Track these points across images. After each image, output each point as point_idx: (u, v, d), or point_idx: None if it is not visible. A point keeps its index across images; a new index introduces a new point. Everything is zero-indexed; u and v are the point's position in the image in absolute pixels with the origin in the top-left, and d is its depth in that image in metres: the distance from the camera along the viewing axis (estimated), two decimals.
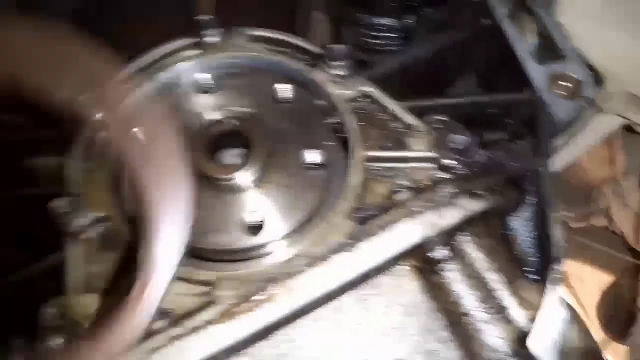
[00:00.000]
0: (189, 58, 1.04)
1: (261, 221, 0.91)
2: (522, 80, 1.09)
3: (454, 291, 0.92)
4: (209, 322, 0.82)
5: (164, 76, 1.03)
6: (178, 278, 0.85)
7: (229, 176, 0.92)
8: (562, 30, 1.12)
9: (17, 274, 0.95)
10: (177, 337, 0.82)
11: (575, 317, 0.94)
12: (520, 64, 1.08)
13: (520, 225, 1.03)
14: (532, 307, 0.91)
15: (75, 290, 0.86)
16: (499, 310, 0.91)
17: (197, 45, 1.05)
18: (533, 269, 1.00)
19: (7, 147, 0.78)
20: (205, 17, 1.03)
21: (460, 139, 0.93)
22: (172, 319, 0.84)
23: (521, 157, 1.00)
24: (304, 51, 1.06)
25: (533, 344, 0.85)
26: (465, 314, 0.91)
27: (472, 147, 0.94)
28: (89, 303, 0.85)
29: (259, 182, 0.94)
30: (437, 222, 0.89)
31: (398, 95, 1.03)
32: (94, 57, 0.72)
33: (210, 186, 0.93)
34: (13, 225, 1.13)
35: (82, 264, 0.89)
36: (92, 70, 0.72)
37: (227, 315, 0.83)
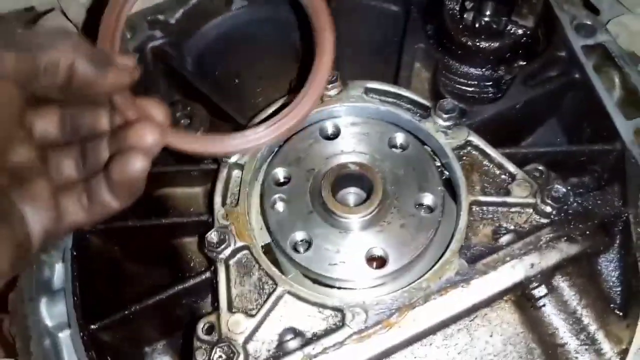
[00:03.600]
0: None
1: (382, 256, 1.05)
2: (608, 131, 1.19)
3: (549, 324, 1.04)
4: (339, 344, 0.96)
5: None
6: (311, 302, 1.00)
7: (353, 215, 1.06)
8: None
9: (162, 294, 1.10)
10: (310, 356, 0.95)
11: None
12: (608, 117, 1.19)
13: (606, 265, 1.14)
14: (619, 341, 1.03)
15: (224, 309, 1.01)
16: (590, 343, 1.03)
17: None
18: (619, 305, 1.11)
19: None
20: None
21: (558, 189, 1.04)
22: (305, 339, 0.98)
23: (611, 204, 1.11)
24: (413, 102, 1.19)
25: None
26: (560, 345, 1.03)
27: (568, 196, 1.05)
28: (237, 321, 0.99)
29: (378, 220, 1.07)
30: (537, 263, 1.01)
31: (489, 141, 1.15)
32: None
33: (335, 223, 1.07)
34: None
35: (228, 286, 1.03)
36: None
37: (354, 338, 0.97)
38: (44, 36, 0.78)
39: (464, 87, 1.35)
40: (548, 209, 1.05)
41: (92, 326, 1.05)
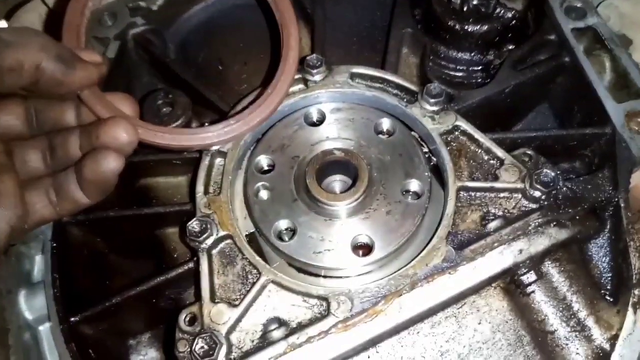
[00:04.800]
0: (298, 93, 1.16)
1: (367, 243, 1.02)
2: (599, 115, 1.17)
3: (539, 311, 1.02)
4: (324, 333, 0.94)
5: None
6: (295, 291, 0.97)
7: (338, 202, 1.04)
8: (638, 69, 1.20)
9: (144, 285, 1.07)
10: (294, 345, 0.93)
11: None
12: (598, 100, 1.17)
13: (597, 251, 1.12)
14: (609, 327, 1.01)
15: (206, 299, 0.98)
16: (580, 329, 1.01)
17: (304, 82, 1.16)
18: (609, 291, 1.09)
19: (128, 167, 0.90)
20: (313, 56, 1.14)
21: (547, 173, 1.02)
22: (290, 328, 0.96)
23: (601, 188, 1.08)
24: (400, 87, 1.16)
25: None
26: (550, 332, 1.01)
27: (558, 181, 1.03)
28: (220, 310, 0.97)
29: (364, 208, 1.05)
30: (526, 249, 0.99)
31: (478, 127, 1.13)
32: None
33: (320, 210, 1.05)
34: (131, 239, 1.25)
35: (211, 276, 1.01)
36: None
37: (339, 326, 0.95)
38: (10, 34, 0.75)
39: (452, 72, 1.33)
40: (537, 194, 1.03)
41: (73, 319, 1.03)
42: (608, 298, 1.07)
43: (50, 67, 0.75)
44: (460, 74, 1.32)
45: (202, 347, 0.93)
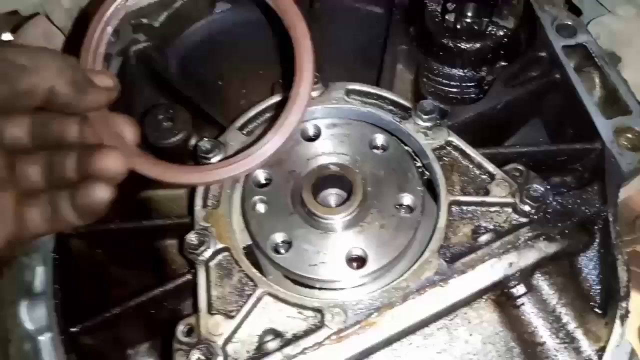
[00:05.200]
0: None
1: (361, 256, 1.05)
2: (588, 131, 1.20)
3: (529, 323, 1.04)
4: (318, 344, 0.96)
5: None
6: (290, 303, 1.00)
7: (333, 216, 1.06)
8: (627, 86, 1.23)
9: (143, 296, 1.10)
10: (289, 357, 0.95)
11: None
12: (588, 116, 1.20)
13: (586, 264, 1.15)
14: (597, 339, 1.03)
15: (203, 311, 1.01)
16: (569, 341, 1.03)
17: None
18: (598, 304, 1.11)
19: (130, 180, 0.92)
20: None
21: (537, 188, 1.05)
22: (285, 339, 0.98)
23: (590, 203, 1.11)
24: (394, 103, 1.19)
25: None
26: (539, 344, 1.03)
27: (548, 196, 1.06)
28: (216, 322, 0.99)
29: (358, 221, 1.07)
30: (516, 262, 1.01)
31: (471, 141, 1.16)
32: None
33: (316, 224, 1.07)
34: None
35: (208, 288, 1.03)
36: None
37: (333, 338, 0.97)
38: (27, 58, 0.78)
39: (446, 88, 1.36)
40: (527, 208, 1.05)
41: (73, 329, 1.05)
42: (597, 310, 1.10)
43: (63, 91, 0.78)
44: (453, 89, 1.35)
45: (198, 358, 0.95)
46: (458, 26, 1.33)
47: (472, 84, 1.35)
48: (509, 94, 1.25)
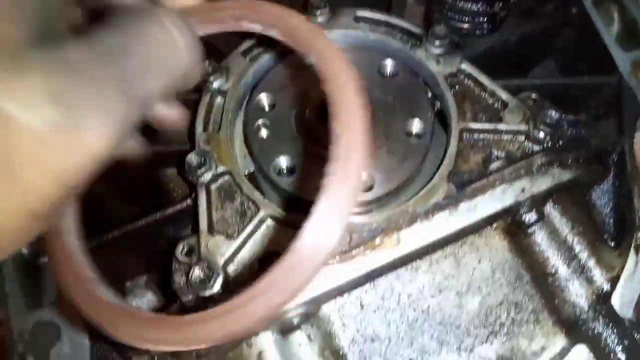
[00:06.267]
0: None
1: (367, 181, 1.01)
2: (606, 65, 1.15)
3: (539, 252, 1.00)
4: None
5: None
6: (293, 226, 0.96)
7: None
8: None
9: (142, 220, 1.07)
10: None
11: None
12: (605, 50, 1.15)
13: (600, 197, 1.11)
14: (610, 269, 1.00)
15: (204, 231, 0.98)
16: (581, 271, 0.99)
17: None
18: (611, 237, 1.08)
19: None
20: None
21: (551, 114, 1.01)
22: None
23: (605, 136, 1.07)
24: (405, 31, 1.15)
25: (616, 302, 0.94)
26: (550, 274, 1.00)
27: (562, 123, 1.02)
28: (217, 242, 0.96)
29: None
30: (528, 188, 0.97)
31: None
32: None
33: (324, 149, 1.03)
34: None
35: (209, 210, 1.00)
36: None
37: (337, 258, 0.93)
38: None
39: (458, 23, 1.31)
40: (541, 135, 1.01)
41: None
42: (610, 243, 1.06)
43: None
44: (466, 25, 1.30)
45: (198, 276, 0.92)
46: None
47: (485, 18, 1.30)
48: (523, 28, 1.21)
